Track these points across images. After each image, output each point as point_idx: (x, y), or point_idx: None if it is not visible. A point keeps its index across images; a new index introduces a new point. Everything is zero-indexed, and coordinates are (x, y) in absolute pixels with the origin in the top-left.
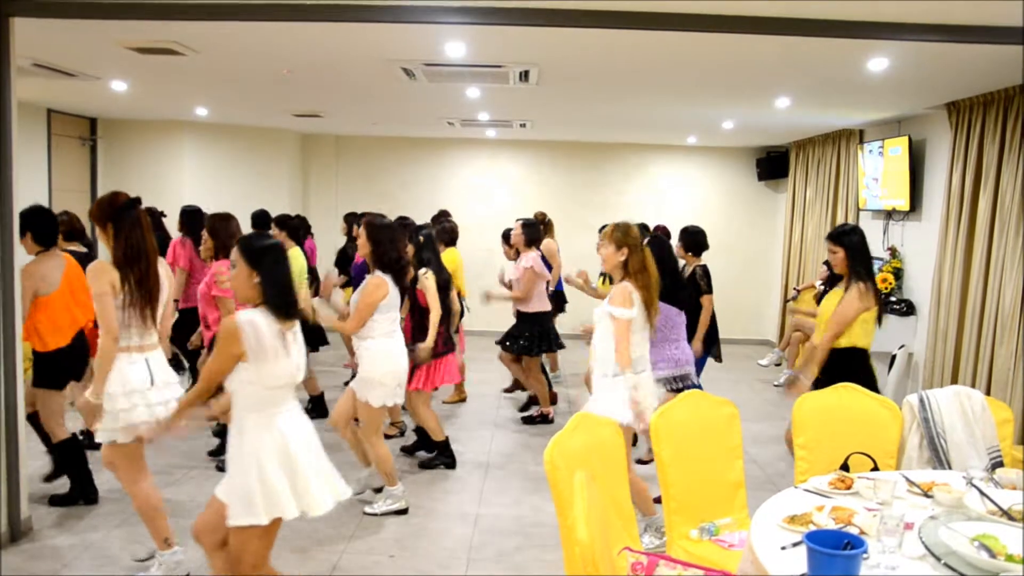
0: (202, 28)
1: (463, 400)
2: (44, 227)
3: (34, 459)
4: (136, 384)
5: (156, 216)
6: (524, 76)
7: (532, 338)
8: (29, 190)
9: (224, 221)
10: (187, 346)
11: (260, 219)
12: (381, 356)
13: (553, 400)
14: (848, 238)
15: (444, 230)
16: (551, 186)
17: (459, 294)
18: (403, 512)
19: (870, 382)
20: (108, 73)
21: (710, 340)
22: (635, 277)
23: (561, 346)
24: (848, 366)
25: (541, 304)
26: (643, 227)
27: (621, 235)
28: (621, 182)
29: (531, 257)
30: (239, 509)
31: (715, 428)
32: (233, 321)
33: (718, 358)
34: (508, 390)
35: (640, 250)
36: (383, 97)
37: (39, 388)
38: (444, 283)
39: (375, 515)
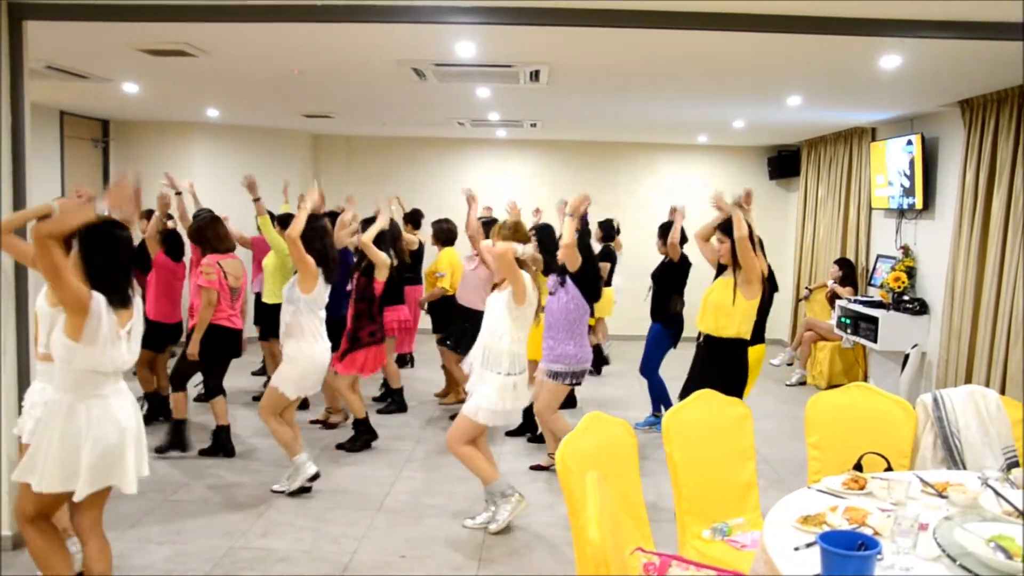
0: (213, 30)
1: (462, 402)
2: None
3: None
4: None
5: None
6: (534, 76)
7: (464, 334)
8: (42, 192)
9: (206, 224)
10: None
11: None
12: (303, 358)
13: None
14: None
15: (442, 230)
16: (561, 186)
17: (455, 296)
18: (315, 478)
19: (743, 373)
20: (120, 75)
21: (675, 330)
22: (527, 270)
23: None
24: (730, 355)
25: (479, 302)
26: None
27: (509, 232)
28: (631, 182)
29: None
30: (37, 475)
31: (727, 428)
32: (88, 295)
33: (674, 345)
34: (440, 394)
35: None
36: (394, 98)
37: None
38: (395, 279)
39: (282, 492)
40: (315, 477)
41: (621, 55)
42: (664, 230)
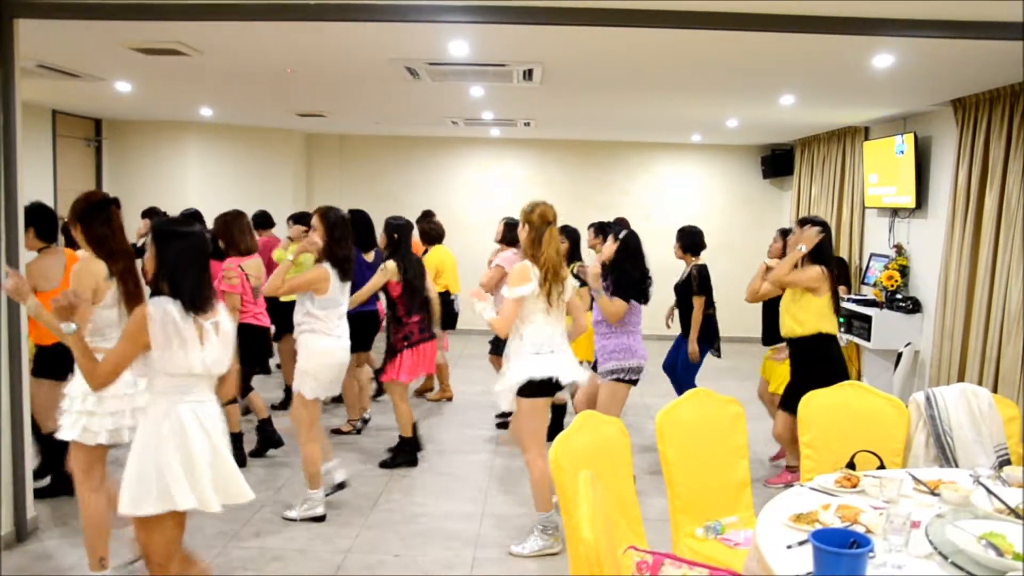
0: (206, 28)
1: (449, 399)
2: (46, 223)
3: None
4: (122, 388)
5: (160, 216)
6: (528, 75)
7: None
8: (35, 191)
9: (233, 219)
10: None
11: (261, 219)
12: (317, 351)
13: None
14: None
15: (425, 230)
16: (555, 185)
17: (448, 292)
18: (320, 519)
19: (839, 366)
20: (112, 74)
21: (709, 337)
22: (531, 254)
23: None
24: (816, 352)
25: None
26: (621, 221)
27: (524, 213)
28: (625, 181)
29: (503, 256)
30: (128, 499)
31: (720, 427)
32: (142, 308)
33: (718, 353)
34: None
35: (538, 229)
36: (387, 96)
37: (38, 378)
38: (412, 280)
39: (293, 520)
40: (321, 519)
41: (614, 54)
42: (683, 234)
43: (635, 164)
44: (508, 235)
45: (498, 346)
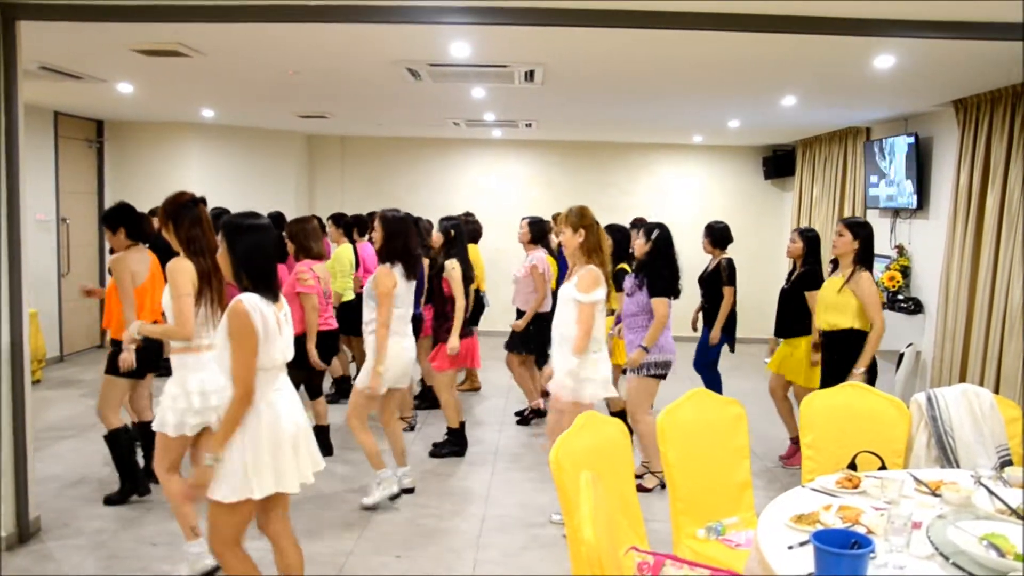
0: (207, 30)
1: (476, 389)
2: (136, 224)
3: (40, 462)
4: (212, 384)
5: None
6: (529, 76)
7: (531, 336)
8: (37, 193)
9: (301, 224)
10: None
11: (274, 222)
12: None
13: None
14: (863, 230)
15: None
16: (557, 186)
17: (478, 291)
18: (396, 496)
19: (872, 364)
20: (114, 75)
21: (728, 329)
22: (593, 256)
23: None
24: (850, 347)
25: (544, 304)
26: (641, 221)
27: (576, 218)
28: (627, 182)
29: (536, 256)
30: (213, 485)
31: (722, 428)
32: (242, 305)
33: (732, 347)
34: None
35: (595, 230)
36: (388, 98)
37: (109, 375)
38: (468, 277)
39: (372, 507)
40: (397, 496)
41: (616, 55)
42: (712, 230)
43: (637, 165)
44: (534, 234)
45: (518, 344)
